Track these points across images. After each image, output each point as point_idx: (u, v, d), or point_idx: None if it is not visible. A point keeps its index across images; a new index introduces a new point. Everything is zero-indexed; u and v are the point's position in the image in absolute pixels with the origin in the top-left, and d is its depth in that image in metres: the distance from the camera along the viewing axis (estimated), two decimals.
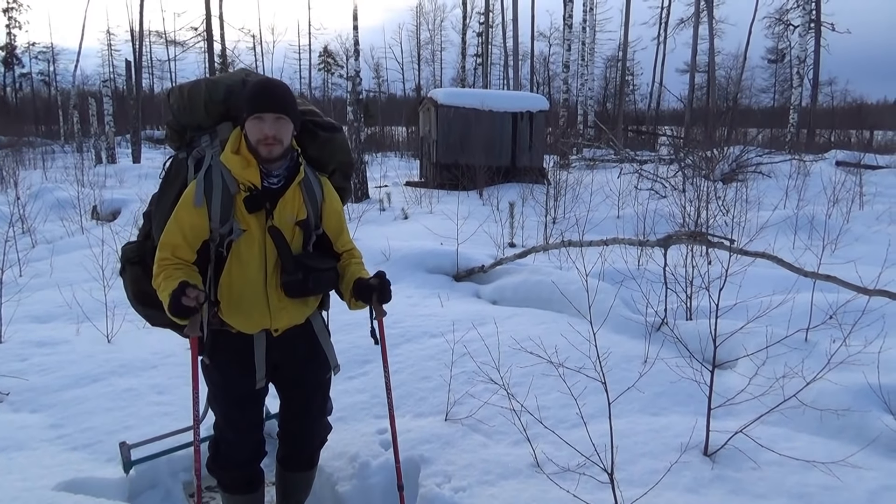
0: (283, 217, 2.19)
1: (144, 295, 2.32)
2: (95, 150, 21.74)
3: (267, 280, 2.20)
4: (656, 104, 37.68)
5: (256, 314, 2.21)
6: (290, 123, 2.15)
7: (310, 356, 2.42)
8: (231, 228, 2.13)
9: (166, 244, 2.12)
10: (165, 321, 2.34)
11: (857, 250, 6.37)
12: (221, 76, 2.32)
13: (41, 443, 3.14)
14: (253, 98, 2.09)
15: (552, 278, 5.44)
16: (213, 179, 2.12)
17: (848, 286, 4.34)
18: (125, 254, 2.41)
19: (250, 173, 2.12)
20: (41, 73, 47.17)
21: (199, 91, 2.24)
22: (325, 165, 2.39)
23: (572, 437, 2.90)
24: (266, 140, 2.08)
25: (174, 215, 2.13)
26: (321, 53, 50.06)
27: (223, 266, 2.17)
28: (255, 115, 2.08)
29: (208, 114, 2.24)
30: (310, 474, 2.65)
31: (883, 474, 2.69)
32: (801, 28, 23.53)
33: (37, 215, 9.70)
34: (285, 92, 2.16)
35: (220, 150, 2.18)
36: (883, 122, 30.67)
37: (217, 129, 2.25)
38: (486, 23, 33.47)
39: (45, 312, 5.28)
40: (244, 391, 2.30)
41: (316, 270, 2.24)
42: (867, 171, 14.24)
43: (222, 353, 2.26)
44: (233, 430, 2.35)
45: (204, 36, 30.07)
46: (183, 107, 2.26)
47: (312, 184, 2.28)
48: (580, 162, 17.44)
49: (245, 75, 2.32)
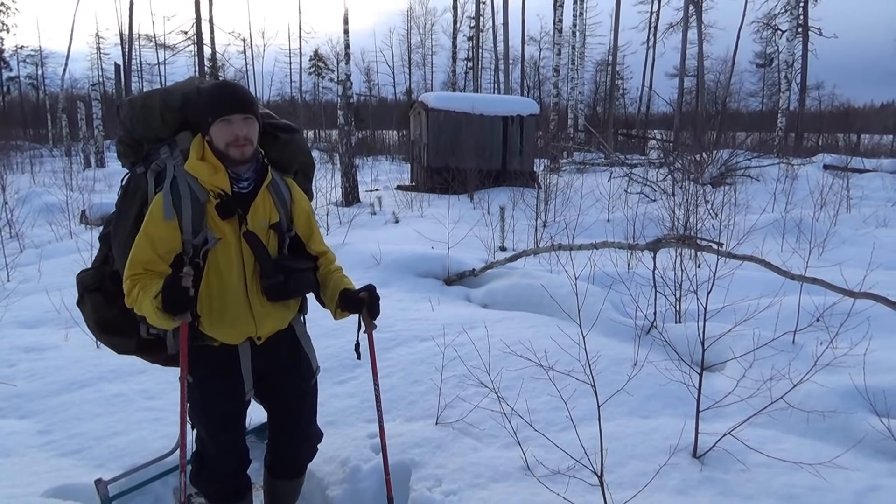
0: (257, 221, 2.16)
1: (107, 322, 2.28)
2: (84, 154, 21.61)
3: (248, 286, 2.17)
4: (646, 108, 37.93)
5: (241, 323, 2.18)
6: (257, 123, 2.13)
7: (294, 363, 2.39)
8: (205, 238, 2.08)
9: (137, 261, 2.04)
10: (132, 348, 2.35)
11: (844, 253, 6.43)
12: (174, 85, 2.26)
13: (29, 449, 3.12)
14: (218, 101, 2.06)
15: (542, 282, 5.46)
16: (180, 190, 2.06)
17: (834, 289, 4.38)
18: (82, 282, 2.32)
19: (219, 179, 2.07)
20: (29, 76, 46.94)
21: (153, 102, 2.17)
22: (286, 167, 2.37)
23: (562, 439, 2.92)
24: (238, 141, 2.06)
25: (143, 231, 2.05)
26: (312, 57, 50.04)
27: (200, 278, 2.11)
28: (223, 117, 2.04)
29: (166, 124, 2.17)
30: (297, 482, 2.62)
31: (869, 475, 2.72)
32: (789, 33, 23.72)
33: (25, 220, 9.63)
34: (248, 92, 2.15)
35: (182, 160, 2.12)
36: (869, 126, 31.00)
37: (176, 139, 2.17)
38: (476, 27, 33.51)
39: (33, 318, 5.24)
40: (229, 406, 2.27)
41: (296, 271, 2.22)
42: (854, 174, 14.40)
43: (205, 369, 2.20)
44: (216, 444, 2.30)
45: (194, 39, 29.99)
46: (137, 119, 2.18)
47: (280, 186, 2.26)
48: (570, 165, 17.52)
49: (198, 83, 2.26)
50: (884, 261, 5.89)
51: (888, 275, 5.62)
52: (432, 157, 14.34)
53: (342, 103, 13.60)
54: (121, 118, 2.24)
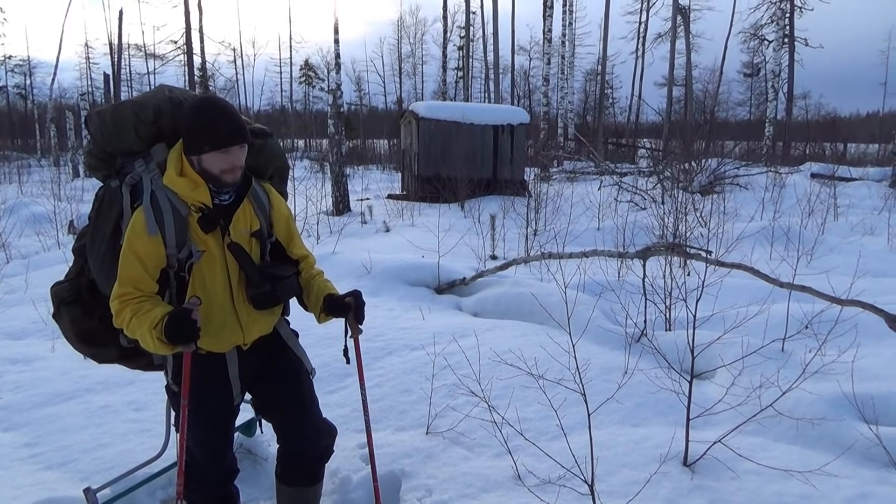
0: (238, 231, 2.15)
1: (87, 333, 2.25)
2: (73, 163, 21.51)
3: (234, 296, 2.16)
4: (635, 117, 38.15)
5: (228, 332, 2.17)
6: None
7: (281, 354, 2.38)
8: (190, 251, 2.07)
9: (126, 279, 2.00)
10: (113, 357, 2.32)
11: (832, 261, 6.49)
12: (143, 96, 2.20)
13: (14, 462, 3.08)
14: (217, 131, 2.00)
15: (533, 290, 5.46)
16: (160, 205, 2.03)
17: (822, 296, 4.41)
18: (57, 295, 2.28)
19: (200, 194, 2.05)
20: (17, 86, 46.57)
21: (124, 114, 2.11)
22: (262, 172, 2.36)
23: (553, 448, 2.91)
24: (234, 170, 2.05)
25: (128, 249, 2.00)
26: (302, 66, 50.05)
27: (185, 290, 2.11)
28: (223, 149, 2.00)
29: (140, 137, 2.12)
30: (312, 490, 2.50)
31: (858, 482, 2.73)
32: (776, 43, 24.02)
33: (12, 230, 9.54)
34: (240, 116, 2.10)
35: (158, 173, 2.08)
36: (856, 135, 31.31)
37: (150, 151, 2.13)
38: (466, 36, 33.71)
39: (19, 329, 5.19)
40: (216, 411, 2.24)
41: (282, 279, 2.21)
42: (841, 183, 14.52)
43: (192, 376, 2.15)
44: (204, 451, 2.26)
45: (184, 49, 29.95)
46: (109, 133, 2.12)
47: (258, 193, 2.26)
48: (561, 174, 17.58)
49: (168, 91, 2.21)
50: (871, 268, 5.96)
51: (875, 282, 5.69)
52: (423, 167, 14.36)
53: (332, 112, 13.61)
54: (90, 131, 2.18)
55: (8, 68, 45.33)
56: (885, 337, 4.23)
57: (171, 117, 2.13)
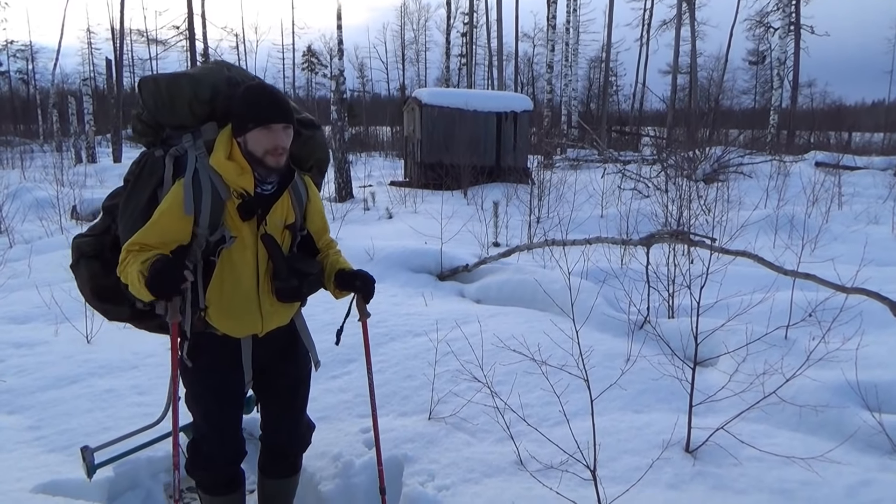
0: (274, 222, 2.16)
1: (102, 289, 2.24)
2: (75, 149, 21.47)
3: (259, 286, 2.17)
4: (639, 105, 37.99)
5: (248, 319, 2.19)
6: (293, 131, 2.11)
7: (292, 352, 2.40)
8: (222, 236, 2.07)
9: (142, 240, 2.00)
10: (125, 316, 2.30)
11: (836, 249, 6.45)
12: (201, 72, 2.17)
13: (18, 444, 3.10)
14: (261, 108, 2.02)
15: (536, 277, 5.45)
16: (201, 184, 2.03)
17: (826, 284, 4.40)
18: (79, 247, 2.27)
19: (245, 180, 2.05)
20: (19, 71, 46.43)
21: (180, 88, 2.09)
22: (303, 163, 2.35)
23: (555, 434, 2.91)
24: (277, 150, 2.04)
25: (156, 219, 2.01)
26: (305, 53, 49.86)
27: (211, 271, 2.11)
28: (266, 126, 2.01)
29: (193, 114, 2.11)
30: (293, 480, 2.59)
31: (861, 469, 2.73)
32: (781, 30, 23.85)
33: (14, 215, 9.56)
34: (287, 99, 2.12)
35: (204, 152, 2.08)
36: (861, 124, 31.11)
37: (201, 129, 2.12)
38: (470, 23, 33.50)
39: (22, 313, 5.20)
40: (227, 390, 2.27)
41: (309, 275, 2.23)
42: (845, 171, 14.44)
43: (206, 355, 2.20)
44: (214, 430, 2.30)
45: (186, 34, 29.76)
46: (161, 104, 2.11)
47: (298, 185, 2.25)
48: (564, 162, 17.52)
49: (227, 70, 2.21)
50: (875, 257, 5.93)
51: (879, 271, 5.67)
52: (426, 153, 14.31)
53: (335, 99, 13.56)
54: (143, 97, 2.15)
55: (10, 53, 45.18)
56: (889, 325, 4.22)
57: (226, 98, 2.12)
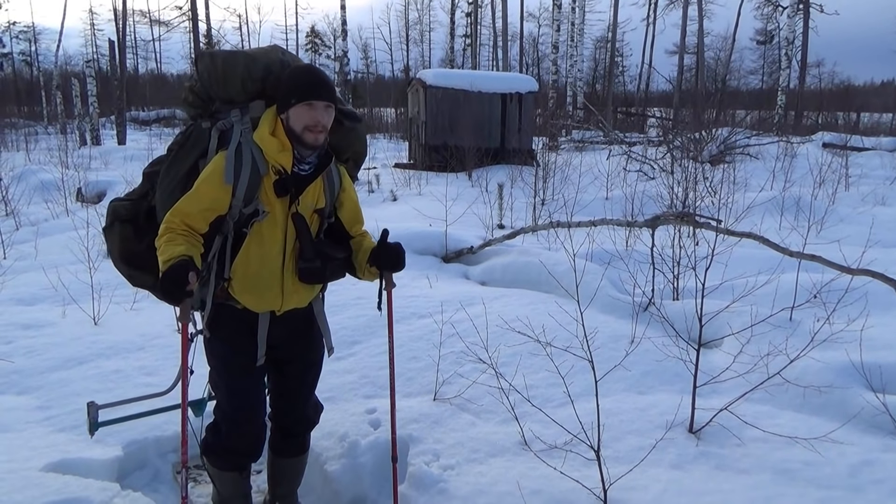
0: (306, 204, 2.21)
1: (131, 254, 2.29)
2: (80, 131, 21.40)
3: (284, 263, 2.21)
4: (645, 86, 37.63)
5: (269, 295, 2.23)
6: (334, 112, 2.16)
7: (307, 335, 2.43)
8: (256, 209, 2.12)
9: (180, 211, 2.07)
10: (148, 283, 2.34)
11: (842, 231, 6.42)
12: (257, 52, 2.26)
13: (28, 424, 3.13)
14: (305, 85, 2.08)
15: (540, 259, 5.46)
16: (243, 157, 2.10)
17: (832, 266, 4.39)
18: (115, 210, 2.34)
19: (284, 157, 2.11)
20: (23, 53, 46.25)
21: (235, 65, 2.17)
22: (341, 153, 2.39)
23: (559, 415, 2.93)
24: (316, 127, 2.09)
25: (198, 187, 2.09)
26: (308, 34, 49.48)
27: (240, 244, 2.16)
28: (308, 101, 2.06)
29: (245, 90, 2.19)
30: (301, 459, 2.63)
31: (863, 449, 2.74)
32: (790, 9, 23.55)
33: (20, 197, 9.58)
34: (331, 81, 2.17)
35: (250, 127, 2.16)
36: (869, 104, 30.87)
37: (249, 105, 2.20)
38: (474, 3, 33.16)
39: (30, 295, 5.23)
40: (240, 362, 2.30)
41: (333, 259, 2.27)
42: (853, 152, 14.35)
43: (225, 327, 2.26)
44: (237, 404, 2.33)
45: (189, 15, 29.63)
46: (216, 78, 2.18)
47: (333, 173, 2.30)
48: (569, 143, 17.44)
49: (281, 54, 2.28)
50: (881, 238, 5.90)
51: (886, 252, 5.64)
52: (430, 135, 14.25)
53: (339, 80, 13.52)
54: (198, 70, 2.23)
55: (13, 35, 45.02)
56: (894, 306, 4.22)
57: (276, 78, 2.18)
